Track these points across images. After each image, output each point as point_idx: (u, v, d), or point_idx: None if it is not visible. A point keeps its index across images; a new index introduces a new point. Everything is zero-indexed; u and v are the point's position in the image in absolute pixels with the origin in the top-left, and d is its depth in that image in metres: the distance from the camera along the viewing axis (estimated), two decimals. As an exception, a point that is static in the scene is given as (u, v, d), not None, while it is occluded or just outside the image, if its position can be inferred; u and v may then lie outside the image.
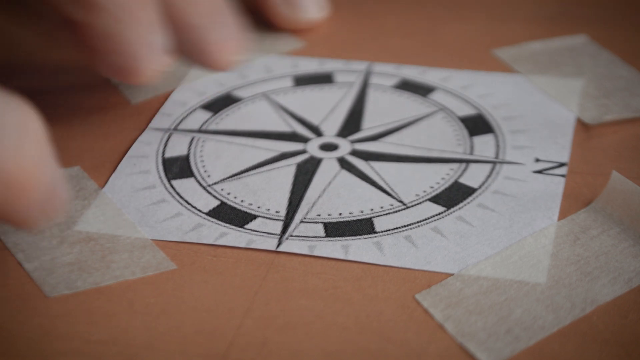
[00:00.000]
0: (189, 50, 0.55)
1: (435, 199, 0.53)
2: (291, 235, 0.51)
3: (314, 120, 0.59)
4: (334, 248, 0.50)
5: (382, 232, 0.51)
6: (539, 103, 0.60)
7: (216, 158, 0.56)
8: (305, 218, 0.52)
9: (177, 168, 0.56)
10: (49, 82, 0.61)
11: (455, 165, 0.55)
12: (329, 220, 0.51)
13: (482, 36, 0.66)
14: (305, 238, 0.50)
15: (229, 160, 0.56)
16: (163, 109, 0.60)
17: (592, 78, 0.61)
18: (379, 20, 0.69)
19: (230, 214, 0.52)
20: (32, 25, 0.62)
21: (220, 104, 0.61)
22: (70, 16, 0.52)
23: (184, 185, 0.54)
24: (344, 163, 0.55)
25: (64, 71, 0.62)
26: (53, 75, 0.61)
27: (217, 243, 0.50)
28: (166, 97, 0.61)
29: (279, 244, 0.50)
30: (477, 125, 0.58)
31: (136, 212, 0.52)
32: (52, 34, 0.60)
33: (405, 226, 0.51)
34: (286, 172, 0.55)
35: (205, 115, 0.60)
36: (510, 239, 0.50)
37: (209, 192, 0.54)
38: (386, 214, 0.52)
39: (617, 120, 0.58)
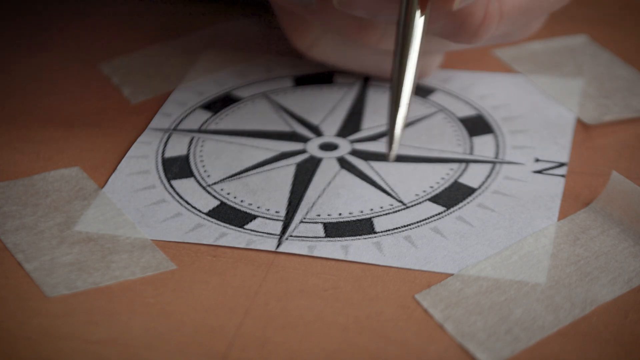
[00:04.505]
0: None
1: (435, 199, 0.53)
2: (291, 236, 0.51)
3: (314, 120, 0.59)
4: (334, 248, 0.50)
5: (381, 232, 0.51)
6: (539, 103, 0.60)
7: (216, 158, 0.56)
8: (305, 218, 0.52)
9: (177, 168, 0.56)
10: None
11: (455, 165, 0.55)
12: (328, 221, 0.51)
13: (482, 36, 0.66)
14: (305, 238, 0.50)
15: (228, 160, 0.56)
16: (163, 109, 0.60)
17: (592, 78, 0.61)
18: (379, 20, 0.69)
19: (230, 214, 0.52)
20: None
21: (220, 104, 0.61)
22: None
23: (183, 185, 0.54)
24: (343, 163, 0.55)
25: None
26: None
27: (217, 243, 0.50)
28: (166, 97, 0.61)
29: (279, 244, 0.50)
30: (476, 125, 0.58)
31: (136, 212, 0.52)
32: None
33: (405, 226, 0.51)
34: (286, 172, 0.55)
35: (205, 115, 0.60)
36: (510, 239, 0.50)
37: (209, 192, 0.54)
38: (386, 214, 0.52)
39: (617, 120, 0.58)
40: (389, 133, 0.47)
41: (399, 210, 0.52)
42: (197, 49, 0.66)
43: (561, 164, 0.55)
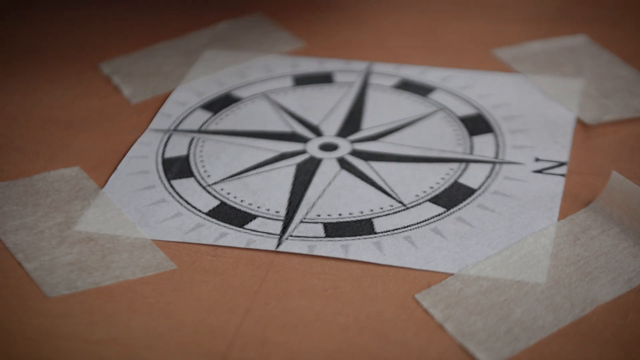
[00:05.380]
0: None
1: (435, 200, 0.53)
2: (291, 236, 0.51)
3: (314, 120, 0.59)
4: (334, 247, 0.50)
5: (381, 232, 0.51)
6: (539, 103, 0.60)
7: (216, 158, 0.56)
8: (305, 218, 0.52)
9: (177, 168, 0.56)
10: None
11: (455, 165, 0.55)
12: (328, 221, 0.51)
13: (482, 36, 0.66)
14: (305, 238, 0.50)
15: (228, 160, 0.56)
16: (163, 109, 0.60)
17: (592, 78, 0.61)
18: (379, 20, 0.69)
19: (230, 214, 0.52)
20: None
21: (220, 104, 0.61)
22: None
23: (183, 185, 0.54)
24: (343, 163, 0.55)
25: None
26: None
27: (217, 243, 0.50)
28: (166, 97, 0.61)
29: (279, 244, 0.50)
30: (477, 125, 0.58)
31: (136, 212, 0.52)
32: None
33: (405, 227, 0.51)
34: (286, 172, 0.55)
35: (205, 115, 0.60)
36: (510, 239, 0.50)
37: (209, 192, 0.54)
38: (386, 215, 0.52)
39: (617, 120, 0.58)
40: None
41: (399, 211, 0.52)
42: (197, 49, 0.66)
43: (561, 164, 0.55)
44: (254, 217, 0.52)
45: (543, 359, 0.44)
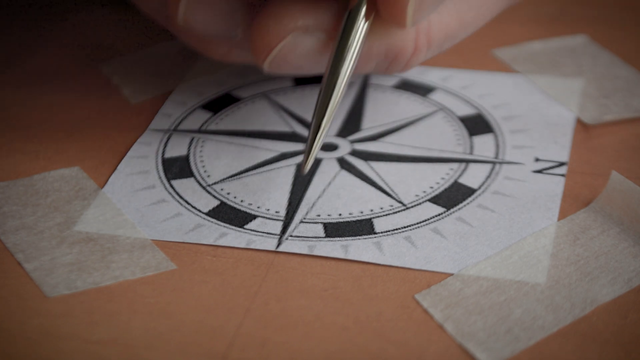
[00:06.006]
0: None
1: (435, 200, 0.53)
2: (291, 236, 0.51)
3: (314, 120, 0.59)
4: (334, 247, 0.50)
5: (381, 232, 0.51)
6: (539, 103, 0.60)
7: (216, 158, 0.56)
8: (305, 218, 0.52)
9: (177, 168, 0.56)
10: None
11: (455, 165, 0.55)
12: (328, 221, 0.51)
13: (482, 36, 0.66)
14: (305, 238, 0.50)
15: (228, 160, 0.56)
16: (163, 109, 0.60)
17: (592, 78, 0.61)
18: (379, 20, 0.68)
19: (230, 214, 0.52)
20: None
21: (220, 103, 0.61)
22: None
23: (183, 185, 0.54)
24: (343, 163, 0.55)
25: None
26: None
27: (217, 243, 0.50)
28: (166, 97, 0.61)
29: (279, 244, 0.50)
30: (476, 125, 0.58)
31: (136, 212, 0.52)
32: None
33: (405, 227, 0.51)
34: (286, 172, 0.55)
35: (205, 115, 0.60)
36: (510, 239, 0.50)
37: (209, 192, 0.54)
38: (386, 215, 0.52)
39: (617, 120, 0.58)
40: (307, 148, 0.49)
41: (399, 211, 0.52)
42: (197, 49, 0.65)
43: (561, 164, 0.55)
44: (254, 217, 0.52)
45: (543, 359, 0.44)
